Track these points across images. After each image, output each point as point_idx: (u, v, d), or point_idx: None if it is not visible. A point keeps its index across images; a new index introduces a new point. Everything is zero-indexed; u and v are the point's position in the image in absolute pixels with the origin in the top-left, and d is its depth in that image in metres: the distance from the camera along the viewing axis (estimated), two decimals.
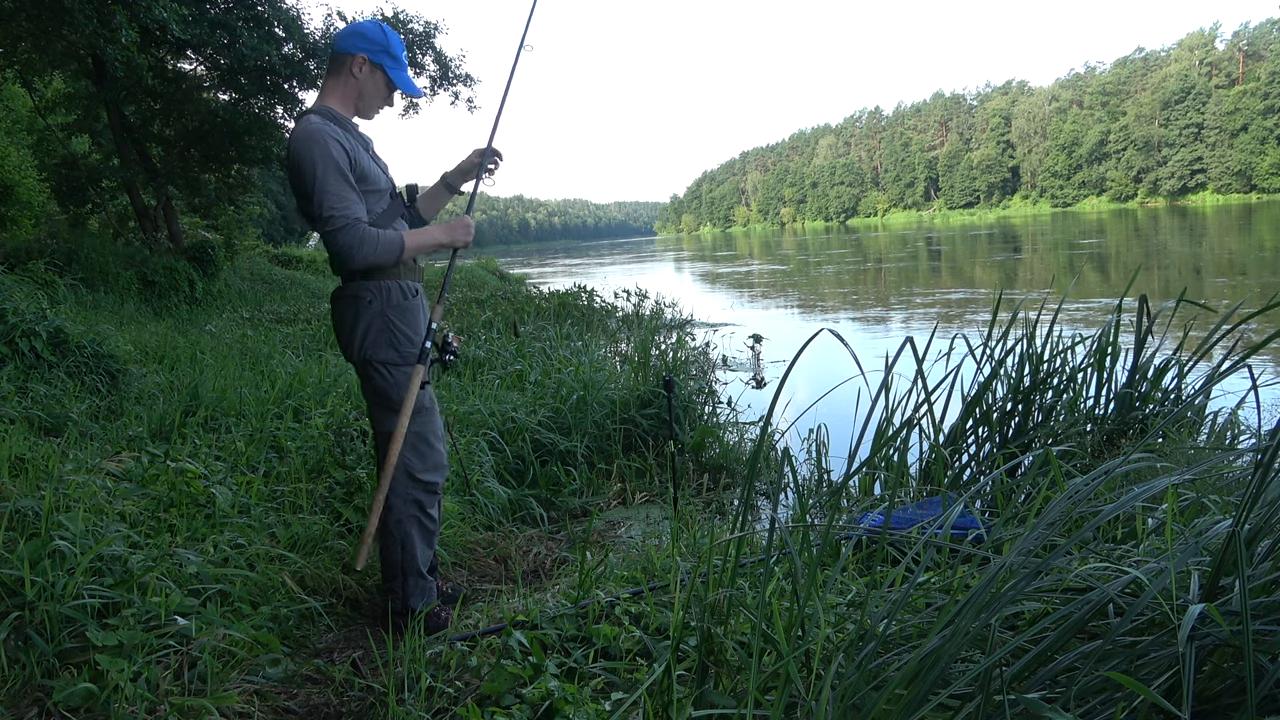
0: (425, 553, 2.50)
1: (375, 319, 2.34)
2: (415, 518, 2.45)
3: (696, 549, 2.59)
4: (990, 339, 3.63)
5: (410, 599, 2.47)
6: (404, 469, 2.40)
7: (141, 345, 6.48)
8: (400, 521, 2.43)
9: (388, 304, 2.34)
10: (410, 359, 2.38)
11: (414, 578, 2.47)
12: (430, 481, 2.46)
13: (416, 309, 2.42)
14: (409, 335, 2.38)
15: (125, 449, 3.57)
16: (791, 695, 1.58)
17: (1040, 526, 1.54)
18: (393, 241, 2.30)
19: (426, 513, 2.48)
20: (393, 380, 2.37)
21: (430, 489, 2.47)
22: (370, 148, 2.45)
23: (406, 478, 2.41)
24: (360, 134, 2.43)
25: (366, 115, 2.45)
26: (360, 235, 2.24)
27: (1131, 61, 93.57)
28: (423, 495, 2.46)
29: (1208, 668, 1.37)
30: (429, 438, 2.45)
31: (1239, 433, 3.32)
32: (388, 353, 2.36)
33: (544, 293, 13.52)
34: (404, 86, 2.41)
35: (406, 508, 2.43)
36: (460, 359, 6.66)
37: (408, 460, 2.40)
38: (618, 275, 24.37)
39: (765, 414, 1.85)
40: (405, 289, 2.39)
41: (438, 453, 2.48)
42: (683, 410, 4.98)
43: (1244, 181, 74.14)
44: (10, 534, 2.32)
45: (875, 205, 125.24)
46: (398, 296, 2.36)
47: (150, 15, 9.49)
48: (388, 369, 2.37)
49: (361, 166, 2.31)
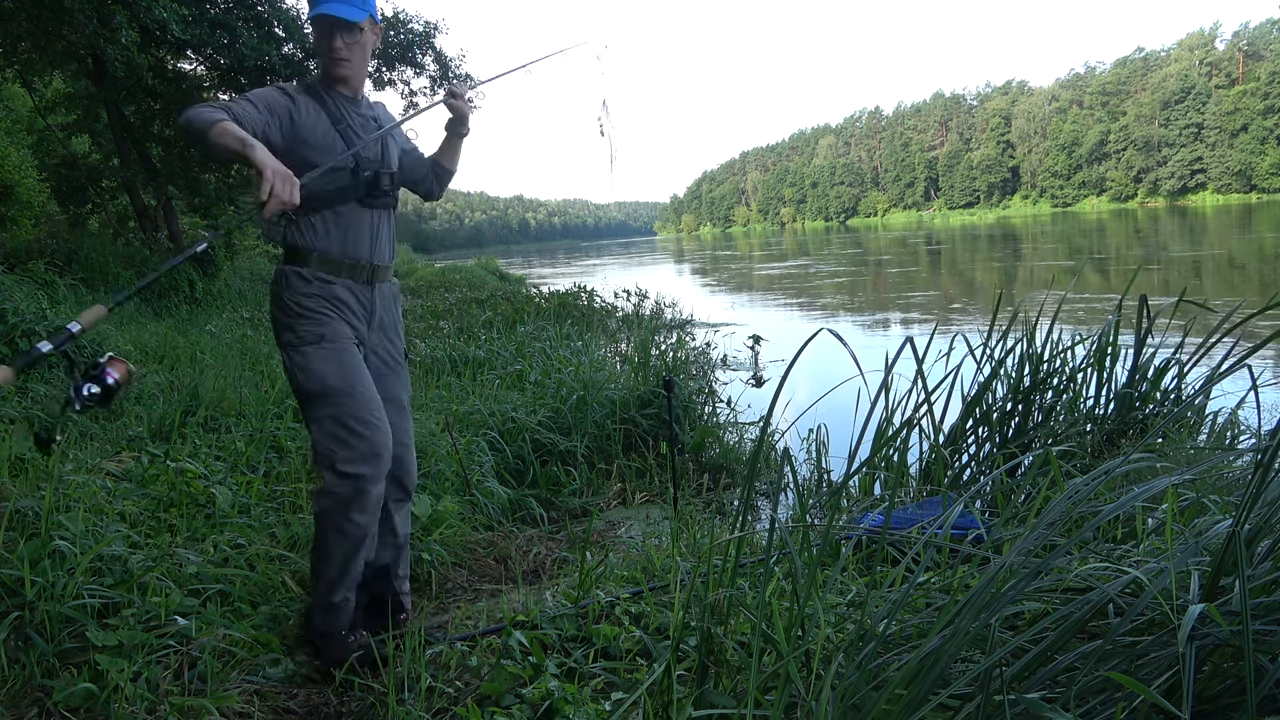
0: (347, 566, 2.16)
1: (277, 302, 2.22)
2: (336, 524, 2.12)
3: (696, 549, 2.59)
4: (990, 339, 3.64)
5: (313, 614, 2.19)
6: (326, 460, 2.12)
7: (141, 345, 6.47)
8: (320, 525, 2.15)
9: (287, 287, 2.20)
10: (307, 338, 2.16)
11: (322, 592, 2.16)
12: (355, 474, 2.10)
13: (321, 295, 2.20)
14: (307, 314, 2.18)
15: (125, 449, 3.57)
16: (791, 695, 1.58)
17: (1040, 526, 1.54)
18: (208, 117, 1.99)
19: (348, 516, 2.11)
20: (293, 364, 2.18)
21: (357, 484, 2.11)
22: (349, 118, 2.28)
23: (328, 471, 2.12)
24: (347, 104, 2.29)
25: (333, 73, 2.26)
26: (196, 110, 2.02)
27: (1131, 61, 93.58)
28: (345, 490, 2.10)
29: (1208, 668, 1.37)
30: (348, 422, 2.12)
31: (1239, 433, 3.32)
32: (285, 334, 2.19)
33: (544, 293, 13.51)
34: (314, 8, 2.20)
35: (328, 507, 2.12)
36: (461, 359, 6.66)
37: (328, 450, 2.11)
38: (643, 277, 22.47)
39: (765, 414, 1.85)
40: (310, 275, 2.20)
41: (367, 441, 2.12)
42: (683, 410, 4.98)
43: (1244, 181, 74.14)
44: (10, 534, 2.32)
45: (875, 205, 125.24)
46: (297, 282, 2.20)
47: (150, 15, 9.48)
48: (287, 352, 2.19)
49: (305, 128, 2.18)
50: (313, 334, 2.17)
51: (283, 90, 2.22)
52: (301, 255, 2.22)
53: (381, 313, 2.35)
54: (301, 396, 2.19)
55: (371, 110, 2.41)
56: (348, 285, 2.25)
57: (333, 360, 2.17)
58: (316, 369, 2.15)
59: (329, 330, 2.19)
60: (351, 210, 2.27)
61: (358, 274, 2.28)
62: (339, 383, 2.15)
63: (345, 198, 2.25)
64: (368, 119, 2.35)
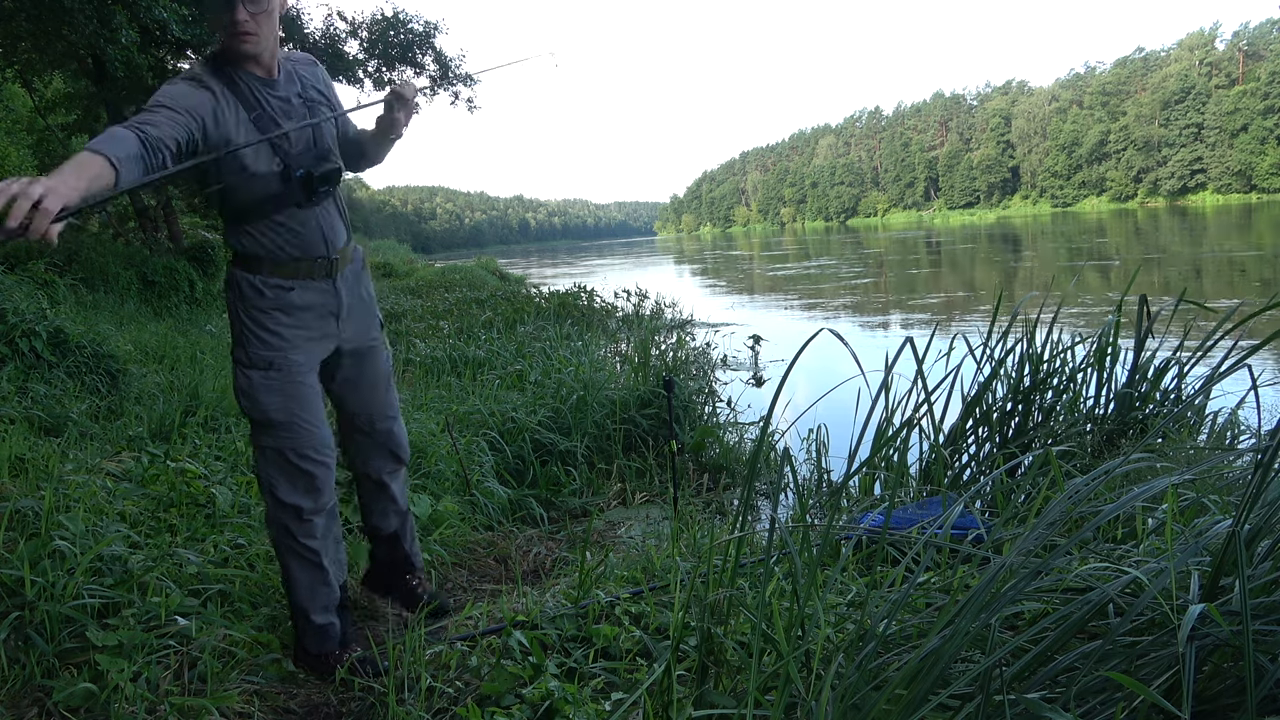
0: (316, 588, 2.14)
1: (230, 309, 2.07)
2: (289, 547, 2.11)
3: (696, 549, 2.59)
4: (990, 339, 3.64)
5: (304, 641, 2.17)
6: (266, 487, 2.09)
7: (141, 345, 6.48)
8: (276, 548, 2.15)
9: (240, 297, 2.04)
10: (256, 362, 2.03)
11: (301, 618, 2.16)
12: (294, 505, 2.07)
13: (278, 306, 2.03)
14: (259, 333, 2.03)
15: (125, 449, 3.57)
16: (791, 695, 1.58)
17: (1040, 526, 1.54)
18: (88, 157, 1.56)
19: (300, 542, 2.10)
20: (238, 383, 2.07)
21: (298, 513, 2.08)
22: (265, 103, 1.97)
23: (269, 496, 2.10)
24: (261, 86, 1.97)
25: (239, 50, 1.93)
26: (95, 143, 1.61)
27: (1131, 61, 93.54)
28: (290, 521, 2.09)
29: (1208, 668, 1.37)
30: (289, 455, 2.06)
31: (1239, 433, 3.32)
32: (236, 349, 2.06)
33: (544, 293, 13.51)
34: None
35: (276, 534, 2.13)
36: (461, 359, 6.67)
37: (270, 478, 2.08)
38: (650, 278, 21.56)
39: (765, 414, 1.85)
40: (263, 285, 2.02)
41: (305, 475, 2.08)
42: (683, 410, 4.99)
43: (1244, 181, 74.08)
44: (10, 534, 2.32)
45: (875, 205, 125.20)
46: (250, 293, 2.02)
47: (150, 15, 9.49)
48: (236, 368, 2.07)
49: (229, 126, 1.89)
50: (261, 359, 2.03)
51: (199, 82, 1.88)
52: (251, 261, 2.03)
53: (349, 300, 2.17)
54: (247, 417, 2.11)
55: (295, 84, 2.07)
56: (306, 286, 2.07)
57: (277, 392, 2.04)
58: (260, 399, 2.04)
59: (279, 358, 2.04)
60: (291, 214, 2.03)
61: (315, 272, 2.08)
62: (282, 416, 2.05)
63: (281, 204, 2.01)
64: (288, 99, 2.03)
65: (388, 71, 14.04)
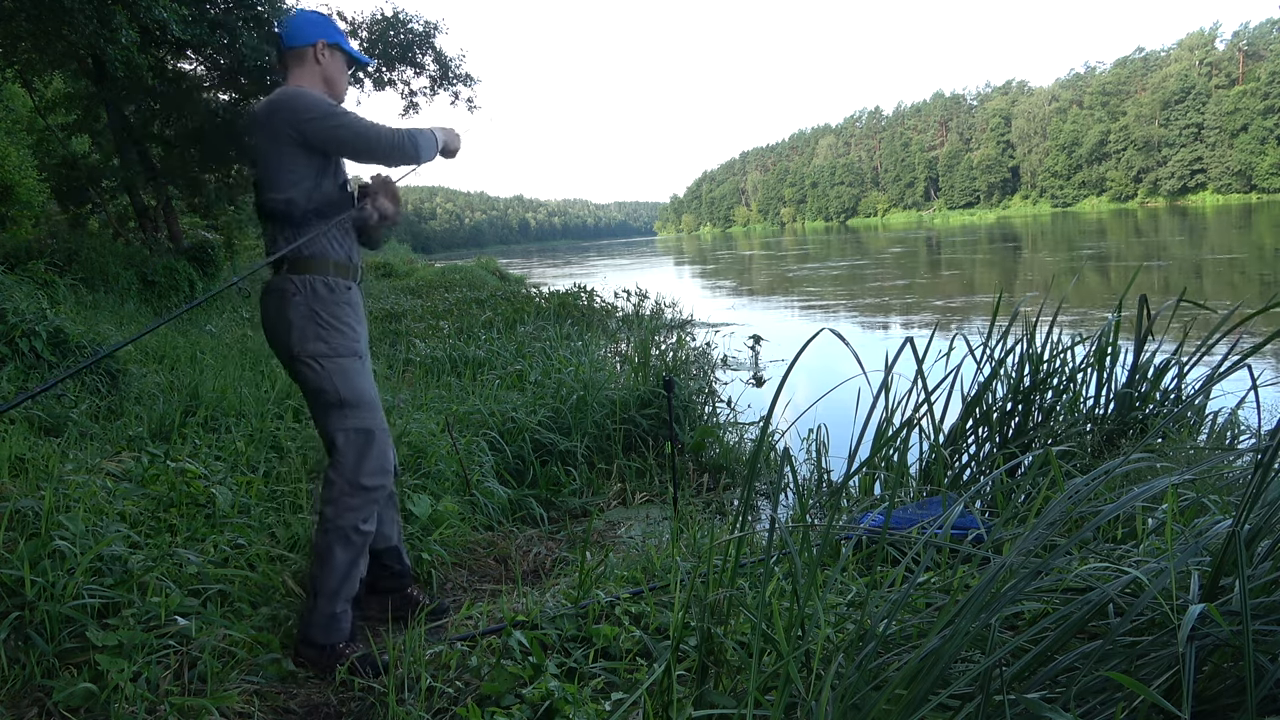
0: (351, 574, 2.23)
1: (302, 312, 2.23)
2: (344, 532, 2.21)
3: (696, 549, 2.59)
4: (990, 339, 3.63)
5: (311, 628, 2.19)
6: (349, 473, 2.23)
7: (141, 345, 6.47)
8: (326, 533, 2.22)
9: (313, 298, 2.24)
10: (341, 350, 2.25)
11: (323, 603, 2.19)
12: (374, 486, 2.26)
13: (345, 303, 2.29)
14: (338, 326, 2.26)
15: (125, 449, 3.57)
16: (791, 695, 1.58)
17: (1040, 526, 1.54)
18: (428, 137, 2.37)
19: (358, 527, 2.23)
20: (324, 373, 2.24)
21: (373, 495, 2.26)
22: None
23: (347, 483, 2.23)
24: None
25: (339, 99, 2.40)
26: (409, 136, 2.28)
27: (1131, 61, 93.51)
28: (360, 501, 2.24)
29: (1208, 668, 1.37)
30: (377, 433, 2.29)
31: (1239, 433, 3.32)
32: (316, 345, 2.24)
33: (544, 293, 13.50)
34: (359, 58, 2.48)
35: (339, 517, 2.21)
36: (461, 359, 6.68)
37: (353, 462, 2.24)
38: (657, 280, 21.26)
39: (765, 414, 1.85)
40: (333, 285, 2.27)
41: (385, 455, 2.31)
42: (683, 410, 4.99)
43: (1244, 181, 74.07)
44: (10, 534, 2.32)
45: (875, 205, 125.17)
46: (324, 291, 2.25)
47: (150, 15, 9.47)
48: (318, 362, 2.23)
49: None
50: (347, 348, 2.28)
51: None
52: (317, 265, 2.27)
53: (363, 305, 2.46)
54: (332, 403, 2.25)
55: None
56: (354, 288, 2.36)
57: (364, 375, 2.31)
58: (355, 382, 2.27)
59: (360, 347, 2.31)
60: (344, 221, 2.36)
61: (357, 276, 2.40)
62: (373, 395, 2.31)
63: (341, 209, 2.34)
64: None
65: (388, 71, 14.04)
